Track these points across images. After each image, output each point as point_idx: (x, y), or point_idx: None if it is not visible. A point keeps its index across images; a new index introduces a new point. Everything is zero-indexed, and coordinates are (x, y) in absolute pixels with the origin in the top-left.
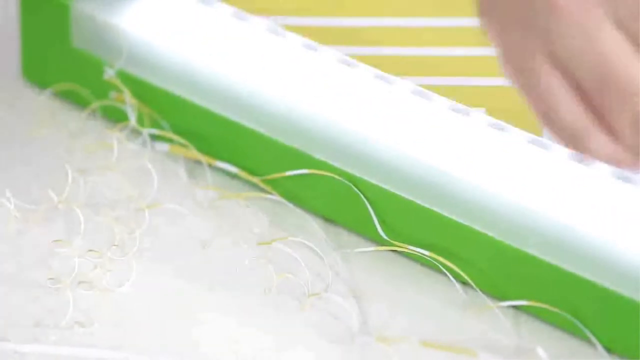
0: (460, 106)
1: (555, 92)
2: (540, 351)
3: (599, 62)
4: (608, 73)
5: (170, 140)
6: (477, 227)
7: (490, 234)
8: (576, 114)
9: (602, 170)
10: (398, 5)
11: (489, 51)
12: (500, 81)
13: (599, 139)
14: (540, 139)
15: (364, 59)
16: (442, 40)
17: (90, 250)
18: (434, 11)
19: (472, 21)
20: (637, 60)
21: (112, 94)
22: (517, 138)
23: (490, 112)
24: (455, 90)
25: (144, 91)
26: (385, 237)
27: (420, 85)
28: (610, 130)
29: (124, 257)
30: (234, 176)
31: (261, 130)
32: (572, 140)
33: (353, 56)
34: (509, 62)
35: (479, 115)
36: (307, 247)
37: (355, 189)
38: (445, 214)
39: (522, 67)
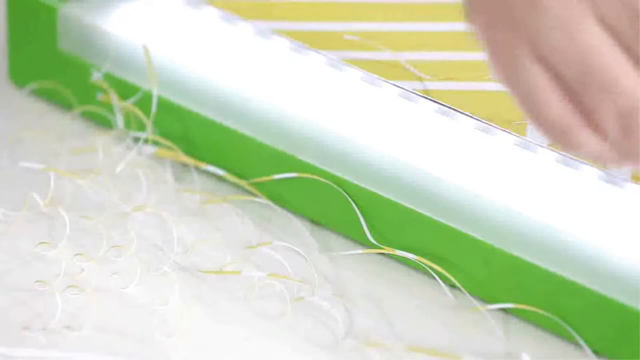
0: (448, 109)
1: (541, 88)
2: (525, 357)
3: (580, 58)
4: (590, 68)
5: (157, 143)
6: (465, 230)
7: (478, 237)
8: (561, 111)
9: (589, 173)
10: (388, 10)
11: (478, 55)
12: (489, 86)
13: (584, 135)
14: (527, 141)
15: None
16: (433, 45)
17: (77, 254)
18: (424, 16)
19: (462, 26)
20: (619, 56)
21: (99, 97)
22: (504, 141)
23: (478, 116)
24: (443, 94)
25: (130, 94)
26: (373, 240)
27: (411, 89)
28: (595, 126)
29: (111, 261)
30: (221, 179)
31: (249, 133)
32: (558, 136)
33: (345, 60)
34: (495, 61)
35: (466, 119)
36: (294, 251)
37: (343, 192)
38: (434, 217)
39: (508, 65)
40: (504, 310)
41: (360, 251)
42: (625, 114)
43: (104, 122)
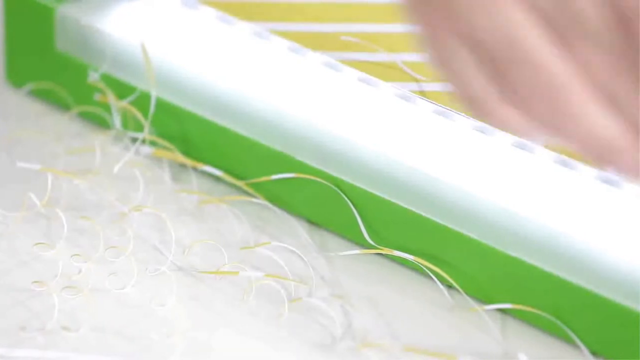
0: (445, 109)
1: (465, 67)
2: (523, 357)
3: (501, 34)
4: (509, 44)
5: (154, 144)
6: (462, 230)
7: (476, 237)
8: (483, 85)
9: (587, 174)
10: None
11: None
12: None
13: (505, 109)
14: (525, 142)
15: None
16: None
17: (75, 255)
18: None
19: None
20: (539, 31)
21: (97, 97)
22: (501, 141)
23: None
24: (441, 95)
25: (128, 94)
26: (370, 240)
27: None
28: (518, 102)
29: (109, 261)
30: (218, 180)
31: (246, 133)
32: (478, 109)
33: (341, 61)
34: (424, 40)
35: (463, 119)
36: (291, 251)
37: (341, 193)
38: (431, 217)
39: (435, 44)
40: (502, 310)
41: (357, 252)
42: (547, 89)
43: (101, 123)
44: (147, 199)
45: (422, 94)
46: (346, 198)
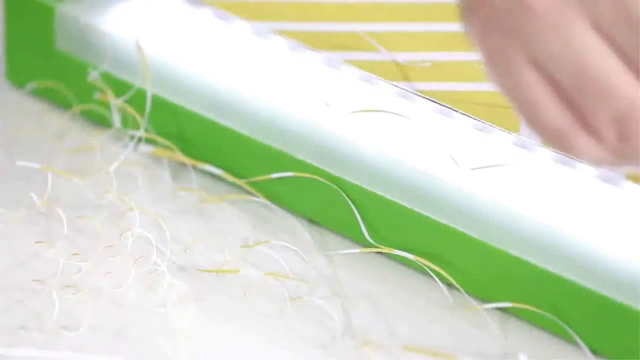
0: (445, 108)
1: (537, 94)
2: (522, 357)
3: (575, 63)
4: (584, 73)
5: (154, 143)
6: (463, 229)
7: (476, 236)
8: (559, 115)
9: (586, 173)
10: (385, 11)
11: (474, 56)
12: (485, 86)
13: (582, 139)
14: (524, 140)
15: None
16: (430, 46)
17: (74, 254)
18: (421, 17)
19: (457, 26)
20: (613, 61)
21: (96, 96)
22: (501, 139)
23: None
24: (441, 95)
25: (128, 93)
26: (370, 239)
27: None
28: (592, 131)
29: (108, 260)
30: (218, 179)
31: (246, 132)
32: (557, 141)
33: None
34: (491, 65)
35: (463, 117)
36: (291, 250)
37: (341, 191)
38: (431, 216)
39: (504, 70)
40: (502, 309)
41: (357, 250)
42: (621, 118)
43: (101, 122)
44: (146, 197)
45: (425, 93)
46: (346, 197)
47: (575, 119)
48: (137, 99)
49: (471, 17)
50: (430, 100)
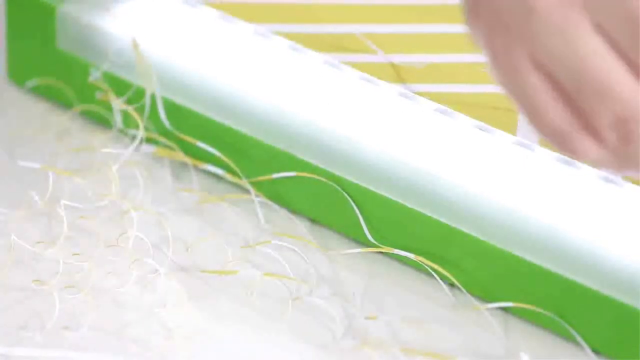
0: (446, 109)
1: (541, 95)
2: (524, 356)
3: (577, 65)
4: (587, 75)
5: (156, 142)
6: (464, 229)
7: (477, 235)
8: (562, 117)
9: (588, 172)
10: (384, 12)
11: (476, 58)
12: (488, 88)
13: (583, 141)
14: (525, 140)
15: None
16: (430, 47)
17: (75, 254)
18: (422, 18)
19: (459, 28)
20: (616, 63)
21: (98, 96)
22: (502, 139)
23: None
24: (442, 97)
25: (128, 93)
26: (372, 239)
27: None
28: (594, 133)
29: (109, 260)
30: (219, 178)
31: (247, 132)
32: (560, 142)
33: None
34: (495, 65)
35: (464, 118)
36: (293, 250)
37: (342, 191)
38: (433, 216)
39: (508, 71)
40: (504, 309)
41: (359, 250)
42: (623, 121)
43: (102, 121)
44: (148, 197)
45: (427, 95)
46: (348, 196)
47: (576, 120)
48: (138, 99)
49: (475, 19)
50: (431, 101)
